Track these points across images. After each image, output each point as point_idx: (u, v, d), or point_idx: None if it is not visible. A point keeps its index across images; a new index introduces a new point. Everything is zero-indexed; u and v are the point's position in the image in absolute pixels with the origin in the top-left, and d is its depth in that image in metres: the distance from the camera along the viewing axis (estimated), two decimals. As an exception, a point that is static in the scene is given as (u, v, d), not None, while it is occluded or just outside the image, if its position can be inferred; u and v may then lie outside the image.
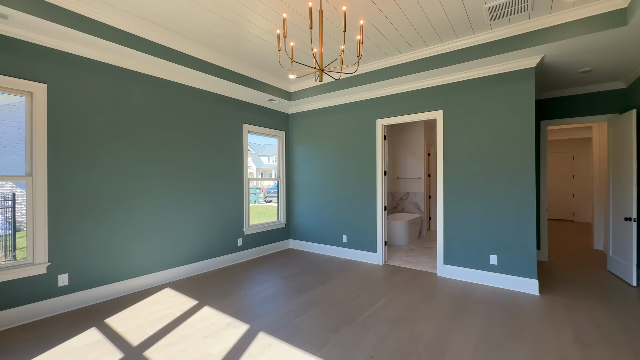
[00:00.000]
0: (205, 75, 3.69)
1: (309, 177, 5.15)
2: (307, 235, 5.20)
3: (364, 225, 4.51)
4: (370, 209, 4.44)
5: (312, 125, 5.11)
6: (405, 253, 5.00)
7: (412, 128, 6.77)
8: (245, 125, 4.62)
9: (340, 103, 4.72)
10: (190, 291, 3.33)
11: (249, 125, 4.67)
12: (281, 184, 5.35)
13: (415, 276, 3.81)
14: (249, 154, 13.99)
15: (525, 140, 3.28)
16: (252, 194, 18.32)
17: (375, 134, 4.40)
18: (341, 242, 4.77)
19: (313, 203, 5.10)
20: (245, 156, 4.62)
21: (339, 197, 4.78)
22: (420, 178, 6.67)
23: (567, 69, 3.51)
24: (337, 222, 4.81)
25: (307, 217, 5.18)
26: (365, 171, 4.49)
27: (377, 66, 3.90)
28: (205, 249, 4.06)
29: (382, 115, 4.32)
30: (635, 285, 3.44)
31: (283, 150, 5.35)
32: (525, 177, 3.28)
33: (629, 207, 3.49)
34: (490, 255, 3.48)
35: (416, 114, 4.01)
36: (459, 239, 3.70)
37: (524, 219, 3.28)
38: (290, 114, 5.41)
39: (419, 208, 6.68)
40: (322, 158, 4.98)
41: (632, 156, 3.44)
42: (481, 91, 3.53)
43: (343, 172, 4.73)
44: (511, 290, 3.30)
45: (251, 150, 23.49)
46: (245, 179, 4.62)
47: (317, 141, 5.04)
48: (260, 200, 18.99)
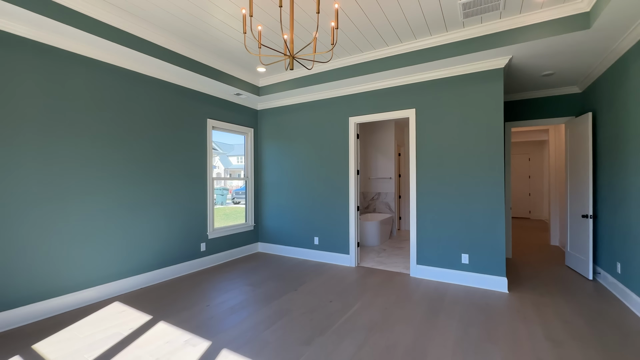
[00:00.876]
0: (164, 64, 3.32)
1: (279, 177, 4.91)
2: (277, 237, 4.95)
3: (336, 226, 4.36)
4: (343, 209, 4.31)
5: (282, 122, 4.88)
6: (378, 254, 4.93)
7: (383, 128, 6.78)
8: (210, 120, 4.27)
9: (312, 100, 4.54)
10: (144, 305, 2.95)
11: (213, 120, 4.33)
12: (249, 184, 5.05)
13: (389, 278, 3.72)
14: (216, 153, 13.53)
15: (494, 140, 3.32)
16: (219, 195, 17.60)
17: (347, 132, 4.27)
18: (313, 244, 4.58)
19: (283, 204, 4.86)
20: (209, 153, 4.27)
21: (310, 197, 4.59)
22: (391, 178, 6.69)
23: (531, 71, 3.62)
24: (309, 224, 4.62)
25: (277, 218, 4.93)
26: (338, 170, 4.35)
27: (351, 62, 3.77)
28: (163, 255, 3.67)
29: (355, 113, 4.20)
30: (592, 279, 3.63)
31: (251, 149, 5.05)
32: (494, 177, 3.31)
33: (585, 205, 3.67)
34: (462, 255, 3.48)
35: (389, 112, 3.94)
36: (432, 239, 3.67)
37: (493, 219, 3.32)
38: (259, 110, 5.13)
39: (390, 208, 6.69)
40: (293, 157, 4.76)
41: (588, 156, 3.63)
42: (453, 90, 3.53)
43: (315, 172, 4.55)
44: (482, 289, 3.31)
45: (218, 149, 22.66)
46: (210, 178, 4.28)
47: (288, 139, 4.81)
48: (228, 201, 18.29)
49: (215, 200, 17.17)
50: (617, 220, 3.13)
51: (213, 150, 14.34)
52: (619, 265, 3.11)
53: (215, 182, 16.24)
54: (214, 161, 20.77)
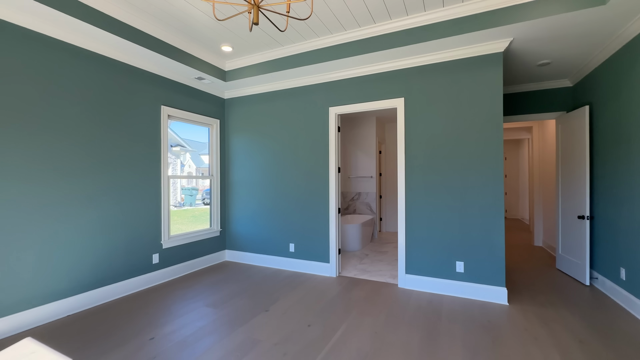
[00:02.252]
0: (95, 31, 2.63)
1: (250, 175, 4.31)
2: (247, 244, 4.34)
3: (315, 231, 3.85)
4: (322, 212, 3.80)
5: (253, 113, 4.28)
6: (360, 260, 4.47)
7: (364, 123, 6.36)
8: (165, 107, 3.59)
9: (287, 87, 3.99)
10: (64, 341, 2.26)
11: (169, 108, 3.65)
12: (214, 183, 4.40)
13: (375, 290, 3.26)
14: (184, 150, 12.05)
15: (492, 133, 2.96)
16: (187, 195, 16.49)
17: (327, 125, 3.77)
18: (288, 252, 4.03)
19: (254, 206, 4.27)
20: (164, 147, 3.59)
21: (285, 198, 4.04)
22: (372, 177, 6.29)
23: (527, 59, 3.31)
24: (283, 229, 4.06)
25: (247, 223, 4.33)
26: (316, 168, 3.83)
27: (331, 41, 3.27)
28: (101, 272, 2.96)
29: (336, 102, 3.71)
30: (589, 285, 3.39)
31: (217, 142, 4.41)
32: (493, 174, 2.95)
33: (581, 205, 3.43)
34: (456, 262, 3.10)
35: (375, 102, 3.48)
36: (422, 244, 3.26)
37: (491, 221, 2.96)
38: (226, 98, 4.50)
39: (371, 209, 6.29)
40: (265, 152, 4.19)
41: (585, 153, 3.38)
42: (446, 77, 3.14)
43: (290, 169, 4.00)
44: (480, 301, 2.94)
45: (187, 147, 21.32)
46: (164, 177, 3.59)
47: (260, 132, 4.23)
48: (198, 202, 17.18)
49: (184, 202, 16.09)
50: (621, 222, 2.87)
51: (182, 148, 12.98)
52: (623, 271, 2.85)
53: (187, 182, 15.11)
54: (184, 159, 19.33)
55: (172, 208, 12.59)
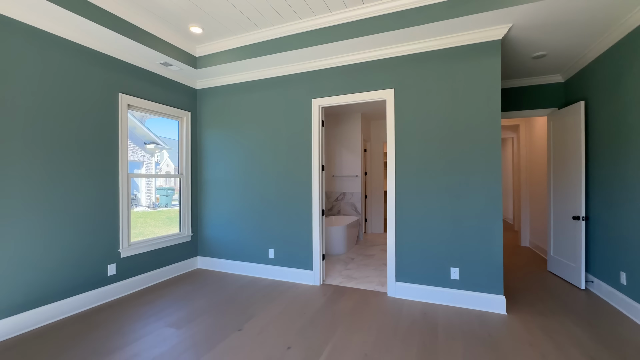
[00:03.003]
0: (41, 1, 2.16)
1: (225, 174, 3.90)
2: (221, 250, 3.93)
3: (296, 235, 3.50)
4: (304, 214, 3.45)
5: (228, 105, 3.87)
6: (345, 265, 4.17)
7: (349, 120, 6.06)
8: (124, 96, 3.13)
9: (266, 77, 3.61)
10: (-19, 380, 1.80)
11: (130, 96, 3.18)
12: (185, 183, 3.95)
13: (363, 300, 2.96)
14: (159, 148, 11.36)
15: (490, 128, 2.72)
16: (163, 196, 15.57)
17: (310, 118, 3.43)
18: (267, 258, 3.66)
19: (230, 208, 3.86)
20: (122, 141, 3.12)
21: (264, 199, 3.66)
22: (357, 176, 6.01)
23: (522, 51, 3.10)
24: (262, 233, 3.68)
25: (222, 226, 3.92)
26: (299, 166, 3.48)
27: (315, 24, 2.93)
28: (41, 288, 2.48)
29: (320, 93, 3.37)
30: (584, 289, 3.23)
31: (187, 137, 3.96)
32: (490, 173, 2.72)
33: (576, 205, 3.27)
34: (451, 269, 2.84)
35: (362, 93, 3.18)
36: (414, 249, 2.98)
37: (488, 224, 2.72)
38: (198, 89, 4.06)
39: (357, 209, 6.00)
40: (242, 148, 3.79)
41: (580, 151, 3.23)
42: (440, 67, 2.87)
43: (270, 168, 3.63)
44: (477, 311, 2.69)
45: (163, 144, 20.30)
46: (123, 175, 3.13)
47: (236, 126, 3.82)
48: (175, 202, 16.30)
49: (159, 203, 15.15)
50: (620, 223, 2.71)
51: (157, 146, 12.40)
52: (623, 275, 2.69)
53: (164, 181, 14.19)
54: (160, 157, 18.55)
55: (146, 209, 11.94)
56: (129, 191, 3.21)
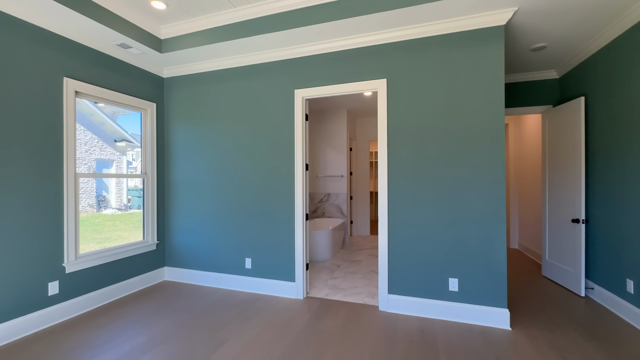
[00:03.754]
0: None
1: (196, 174, 3.46)
2: (192, 260, 3.48)
3: (277, 242, 3.12)
4: (286, 219, 3.08)
5: (200, 96, 3.43)
6: (331, 273, 3.82)
7: (334, 117, 5.73)
8: (71, 81, 2.63)
9: (243, 64, 3.21)
10: None
11: (78, 82, 2.69)
12: (149, 184, 3.48)
13: (353, 315, 2.62)
14: (133, 147, 10.28)
15: (493, 124, 2.45)
16: (135, 197, 14.77)
17: (292, 112, 3.06)
18: (243, 268, 3.26)
19: (202, 213, 3.43)
20: (68, 134, 2.63)
21: (240, 202, 3.26)
22: (343, 176, 5.69)
23: (522, 41, 2.88)
24: (238, 240, 3.27)
25: (193, 233, 3.47)
26: (280, 165, 3.11)
27: (298, 2, 2.57)
28: (-48, 317, 1.97)
29: (304, 83, 3.01)
30: (584, 296, 3.05)
31: (152, 132, 3.49)
32: (493, 173, 2.45)
33: (575, 207, 3.09)
34: (450, 280, 2.56)
35: (351, 84, 2.84)
36: (409, 258, 2.68)
37: (490, 229, 2.45)
38: (165, 77, 3.59)
39: (342, 211, 5.68)
40: (216, 146, 3.37)
41: (580, 150, 3.04)
42: (438, 55, 2.59)
43: (247, 167, 3.23)
44: (479, 327, 2.42)
45: (135, 142, 19.29)
46: (69, 175, 2.64)
47: (209, 120, 3.39)
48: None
49: (131, 204, 14.35)
50: (628, 226, 2.52)
51: (128, 144, 11.18)
52: (630, 283, 2.50)
53: (140, 181, 13.32)
54: (136, 156, 17.59)
55: (116, 212, 10.69)
56: (77, 193, 2.71)
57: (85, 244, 4.22)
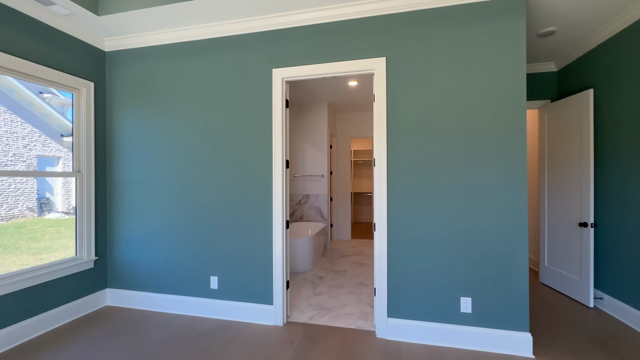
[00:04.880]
0: None
1: (148, 173, 2.78)
2: (142, 280, 2.80)
3: (250, 256, 2.54)
4: (262, 227, 2.52)
5: (154, 76, 2.76)
6: (314, 287, 3.30)
7: (314, 110, 5.22)
8: (-42, 41, 1.88)
9: (208, 36, 2.60)
10: None
11: (-29, 44, 1.94)
12: (84, 184, 2.74)
13: (346, 347, 2.12)
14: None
15: (512, 113, 2.07)
16: (88, 199, 13.13)
17: (270, 96, 2.50)
18: (208, 289, 2.64)
19: (155, 220, 2.76)
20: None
21: (205, 207, 2.64)
22: (323, 176, 5.19)
23: (532, 25, 2.55)
24: (202, 254, 2.65)
25: (144, 246, 2.79)
26: (254, 162, 2.54)
27: (278, -45, 2.02)
28: None
29: (283, 62, 2.47)
30: (593, 307, 2.79)
31: (89, 119, 2.76)
32: (513, 172, 2.07)
33: (581, 209, 2.82)
34: (462, 299, 2.14)
35: (342, 63, 2.34)
36: (412, 273, 2.23)
37: (510, 238, 2.07)
38: (108, 51, 2.87)
39: (322, 214, 5.18)
40: (175, 137, 2.72)
41: (588, 148, 2.78)
42: (446, 30, 2.16)
43: (214, 164, 2.62)
44: (497, 355, 2.02)
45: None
46: (-45, 172, 1.88)
47: (166, 105, 2.73)
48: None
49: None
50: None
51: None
52: (654, 295, 2.24)
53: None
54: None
55: (62, 216, 9.23)
56: (-31, 199, 1.96)
57: (17, 255, 3.35)
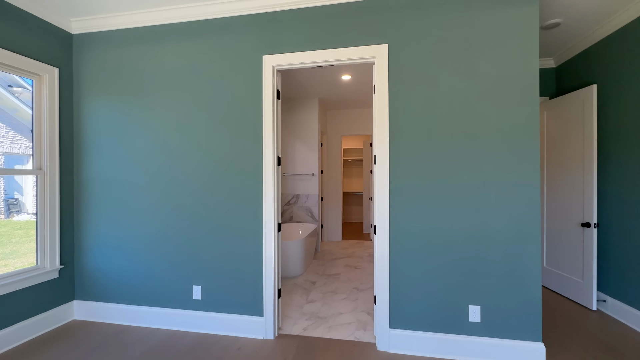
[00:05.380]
0: None
1: (122, 171, 2.49)
2: (115, 290, 2.50)
3: (238, 263, 2.30)
4: (251, 231, 2.28)
5: (129, 62, 2.47)
6: (306, 294, 3.09)
7: (304, 106, 4.99)
8: None
9: (190, 18, 2.33)
10: None
11: None
12: (46, 183, 2.42)
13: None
14: None
15: (524, 107, 1.92)
16: (62, 199, 12.35)
17: (260, 86, 2.27)
18: (190, 300, 2.38)
19: (130, 223, 2.47)
20: None
21: (187, 209, 2.37)
22: (314, 175, 4.98)
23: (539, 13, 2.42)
24: (184, 261, 2.39)
25: (117, 252, 2.49)
26: (242, 159, 2.29)
27: None
28: None
29: (275, 48, 2.24)
30: (596, 310, 2.71)
31: (52, 109, 2.43)
32: (524, 171, 1.92)
33: (583, 209, 2.74)
34: (470, 307, 1.98)
35: (340, 50, 2.14)
36: (416, 280, 2.05)
37: (522, 238, 1.92)
38: (75, 33, 2.55)
39: (313, 215, 4.97)
40: (153, 131, 2.44)
41: (592, 146, 2.69)
42: (454, 16, 1.99)
43: (197, 161, 2.36)
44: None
45: (63, 134, 16.49)
46: None
47: (142, 96, 2.45)
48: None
49: (56, 207, 11.74)
50: (660, 233, 2.17)
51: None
52: (663, 298, 2.15)
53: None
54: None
55: (32, 218, 8.54)
56: None
57: (-22, 262, 3.04)
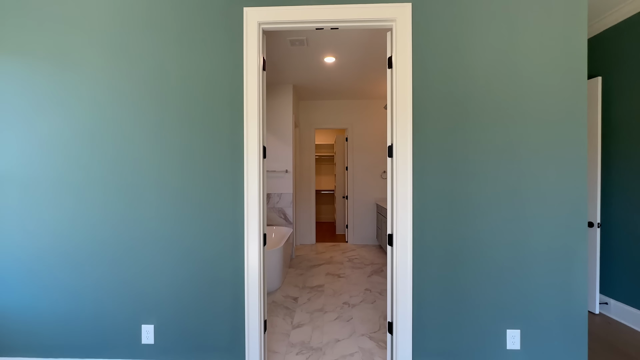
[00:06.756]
0: None
1: (29, 162, 1.71)
2: (16, 339, 1.71)
3: (209, 289, 1.69)
4: (227, 246, 1.68)
5: (45, 3, 1.69)
6: (290, 315, 2.55)
7: (277, 93, 4.39)
8: None
9: (135, -52, 1.64)
10: None
11: None
12: None
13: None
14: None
15: (572, 90, 1.61)
16: None
17: (241, 51, 1.67)
18: (139, 345, 1.70)
19: (41, 240, 1.70)
20: None
21: (129, 216, 1.69)
22: (288, 171, 4.42)
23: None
24: (127, 291, 1.70)
25: (17, 282, 1.71)
26: (214, 148, 1.68)
27: None
28: None
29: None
30: (598, 314, 2.59)
31: None
32: (571, 164, 1.62)
33: (591, 208, 2.60)
34: (508, 332, 1.63)
35: (348, 6, 1.63)
36: (444, 299, 1.65)
37: (568, 248, 1.62)
38: (-53, -45, 1.69)
39: (287, 217, 4.41)
40: (76, 104, 1.69)
41: (596, 142, 2.55)
42: (492, -26, 1.61)
43: (146, 149, 1.68)
44: (556, 406, 1.56)
45: None
46: None
47: (59, 48, 1.69)
48: None
49: None
50: (678, 234, 2.05)
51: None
52: (682, 303, 2.03)
53: None
54: None
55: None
56: None
57: None
